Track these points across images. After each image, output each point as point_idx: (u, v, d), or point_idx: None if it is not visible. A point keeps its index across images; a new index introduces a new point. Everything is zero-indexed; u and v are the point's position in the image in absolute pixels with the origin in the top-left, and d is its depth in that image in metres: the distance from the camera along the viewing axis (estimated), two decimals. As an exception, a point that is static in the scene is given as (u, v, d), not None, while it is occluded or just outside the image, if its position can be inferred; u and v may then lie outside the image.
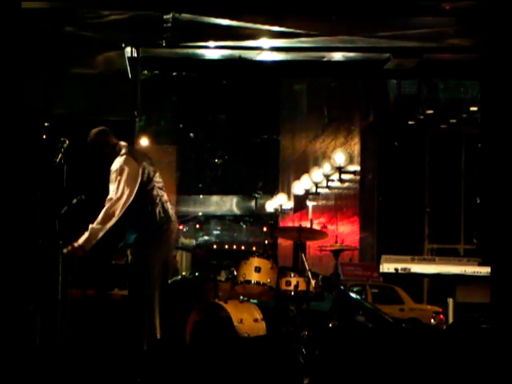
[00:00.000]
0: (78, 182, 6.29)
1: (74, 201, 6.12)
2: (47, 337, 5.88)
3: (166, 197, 6.37)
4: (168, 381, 5.72)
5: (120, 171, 6.13)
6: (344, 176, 19.93)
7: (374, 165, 18.86)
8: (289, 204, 27.97)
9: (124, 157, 6.20)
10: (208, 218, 34.82)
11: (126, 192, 6.08)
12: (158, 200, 6.27)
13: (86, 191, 6.32)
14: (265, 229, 33.86)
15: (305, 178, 22.62)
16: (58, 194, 5.98)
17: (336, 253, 8.09)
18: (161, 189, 6.34)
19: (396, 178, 18.19)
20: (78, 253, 5.99)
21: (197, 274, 9.68)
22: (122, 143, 6.37)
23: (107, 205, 6.08)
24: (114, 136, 6.38)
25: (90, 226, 6.04)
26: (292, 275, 7.32)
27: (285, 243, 26.60)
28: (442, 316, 13.39)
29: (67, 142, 6.08)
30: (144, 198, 6.19)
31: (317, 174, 21.37)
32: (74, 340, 6.19)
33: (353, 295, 11.08)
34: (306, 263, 7.64)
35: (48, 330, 5.88)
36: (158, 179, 6.32)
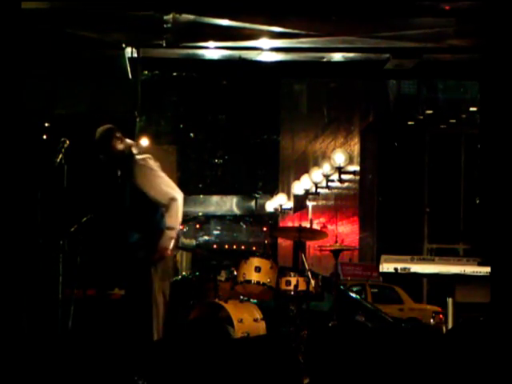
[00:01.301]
0: (78, 182, 6.30)
1: (84, 219, 6.13)
2: (47, 337, 5.89)
3: None
4: (168, 380, 5.72)
5: (157, 169, 6.15)
6: (344, 176, 19.93)
7: (374, 165, 18.86)
8: (289, 204, 27.97)
9: (146, 155, 6.20)
10: (208, 218, 34.82)
11: (173, 184, 6.18)
12: None
13: (87, 192, 6.33)
14: (265, 229, 33.86)
15: (304, 178, 22.62)
16: (58, 194, 5.98)
17: (336, 253, 8.09)
18: None
19: (396, 178, 18.20)
20: (165, 254, 6.02)
21: (197, 273, 9.67)
22: (129, 141, 6.33)
23: (175, 203, 6.12)
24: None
25: (169, 224, 6.06)
26: (292, 275, 7.32)
27: (285, 243, 26.58)
28: (441, 316, 13.39)
29: (67, 142, 6.08)
30: None
31: (316, 174, 21.37)
32: (75, 340, 6.19)
33: (353, 295, 11.07)
34: (305, 263, 7.65)
35: (48, 330, 5.89)
36: None
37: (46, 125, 8.21)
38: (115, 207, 6.17)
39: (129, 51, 9.06)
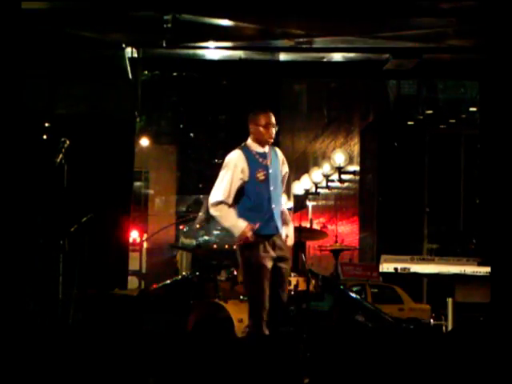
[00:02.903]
0: (78, 182, 6.30)
1: (84, 219, 6.13)
2: (47, 337, 5.89)
3: None
4: (169, 380, 5.73)
5: None
6: (344, 176, 19.93)
7: (374, 165, 18.85)
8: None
9: None
10: (208, 218, 34.80)
11: None
12: None
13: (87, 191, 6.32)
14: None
15: (305, 178, 22.62)
16: (58, 194, 5.98)
17: (336, 253, 8.10)
18: None
19: (395, 178, 18.18)
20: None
21: (197, 273, 9.67)
22: None
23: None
24: None
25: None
26: (292, 275, 7.32)
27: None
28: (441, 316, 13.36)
29: (68, 142, 6.08)
30: None
31: (316, 174, 21.37)
32: (75, 340, 6.19)
33: (353, 295, 11.07)
34: (305, 263, 7.65)
35: (48, 330, 5.89)
36: None
37: (46, 125, 8.21)
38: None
39: (129, 51, 9.06)
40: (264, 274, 5.93)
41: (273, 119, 6.12)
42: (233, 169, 6.03)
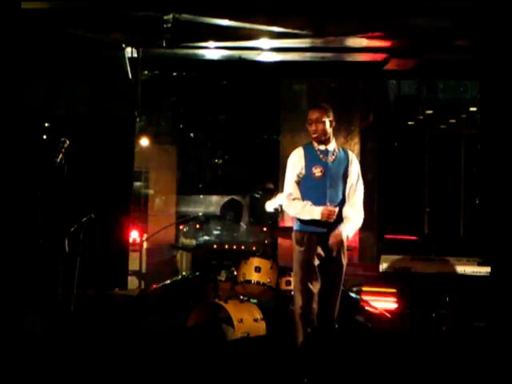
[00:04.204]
0: (78, 182, 6.30)
1: (84, 219, 6.13)
2: (47, 337, 5.89)
3: None
4: (169, 380, 5.72)
5: None
6: (344, 176, 19.93)
7: (374, 165, 18.84)
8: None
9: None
10: (208, 218, 34.75)
11: None
12: None
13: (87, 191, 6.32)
14: (265, 229, 33.76)
15: (305, 177, 22.60)
16: (58, 194, 5.98)
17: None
18: None
19: (396, 178, 18.17)
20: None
21: (197, 273, 9.67)
22: None
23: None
24: None
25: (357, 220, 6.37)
26: (292, 275, 7.32)
27: (285, 243, 26.52)
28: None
29: (68, 142, 6.08)
30: None
31: (317, 174, 21.36)
32: (75, 340, 6.19)
33: (353, 295, 11.06)
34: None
35: (48, 330, 5.89)
36: None
37: (46, 125, 8.21)
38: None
39: (129, 51, 9.06)
40: (306, 270, 6.04)
41: (313, 115, 6.07)
42: (291, 165, 6.26)
